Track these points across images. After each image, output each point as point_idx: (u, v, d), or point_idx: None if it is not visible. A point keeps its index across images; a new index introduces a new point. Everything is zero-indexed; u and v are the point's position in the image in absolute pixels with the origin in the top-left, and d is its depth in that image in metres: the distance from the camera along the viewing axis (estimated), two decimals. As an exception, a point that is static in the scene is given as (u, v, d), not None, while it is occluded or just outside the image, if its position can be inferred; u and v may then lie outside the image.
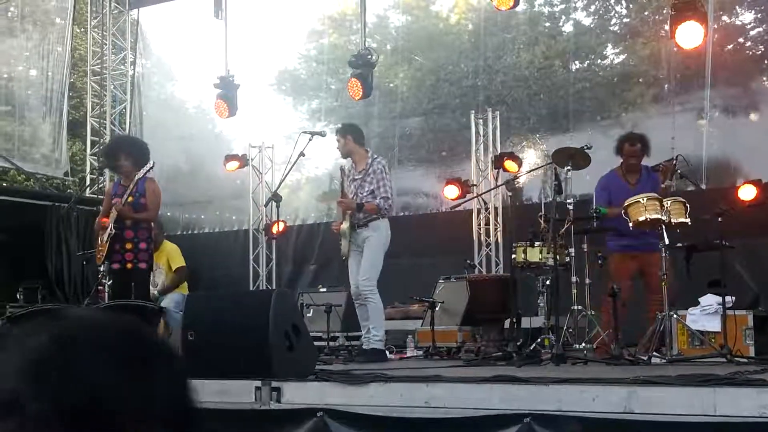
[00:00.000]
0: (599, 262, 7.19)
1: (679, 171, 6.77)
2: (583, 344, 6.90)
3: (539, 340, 6.95)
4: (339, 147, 7.71)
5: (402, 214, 12.32)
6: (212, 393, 5.00)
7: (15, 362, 0.88)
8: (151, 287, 8.35)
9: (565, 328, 6.85)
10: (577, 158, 7.06)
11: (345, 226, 7.40)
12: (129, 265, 7.11)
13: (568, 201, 6.91)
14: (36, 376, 0.86)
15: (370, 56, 10.50)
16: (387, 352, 7.83)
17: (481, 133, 11.61)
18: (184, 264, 9.25)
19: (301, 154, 7.75)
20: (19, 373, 0.87)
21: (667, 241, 6.29)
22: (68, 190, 14.48)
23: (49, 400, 0.85)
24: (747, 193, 8.87)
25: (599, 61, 13.55)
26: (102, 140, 13.25)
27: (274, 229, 10.16)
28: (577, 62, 13.27)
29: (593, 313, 7.16)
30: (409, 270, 10.67)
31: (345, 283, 7.96)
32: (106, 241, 7.07)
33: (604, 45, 13.42)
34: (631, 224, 6.47)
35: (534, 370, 5.69)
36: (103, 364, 0.88)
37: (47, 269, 12.25)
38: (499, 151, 11.21)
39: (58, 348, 0.89)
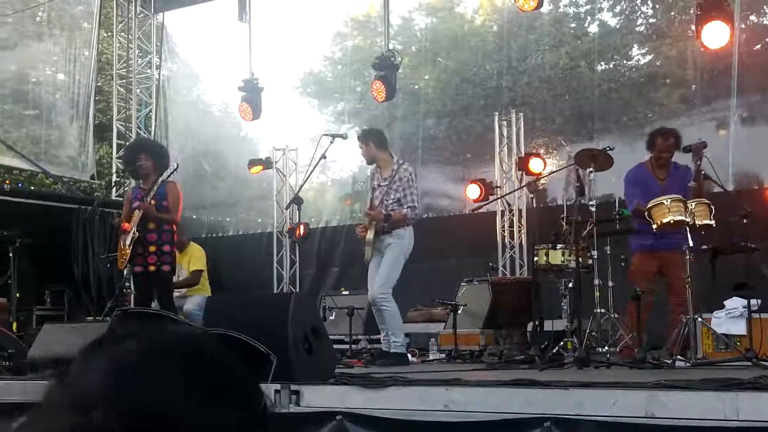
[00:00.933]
0: (622, 264, 7.12)
1: (704, 171, 6.68)
2: (607, 347, 6.84)
3: (562, 343, 6.91)
4: (363, 154, 7.61)
5: (425, 216, 12.25)
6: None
7: (101, 365, 0.89)
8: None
9: (588, 331, 6.78)
10: (600, 160, 7.00)
11: (370, 235, 7.29)
12: (152, 268, 7.14)
13: (591, 203, 6.84)
14: (112, 382, 0.87)
15: (393, 58, 10.52)
16: (410, 356, 7.81)
17: (505, 134, 11.56)
18: (202, 268, 9.29)
19: (323, 156, 7.76)
20: (100, 376, 0.88)
21: (691, 243, 6.22)
22: (95, 194, 14.61)
23: (116, 410, 0.86)
24: (774, 194, 8.76)
25: (625, 61, 13.43)
26: (127, 143, 13.36)
27: (297, 232, 10.18)
28: (602, 63, 13.17)
29: (616, 316, 7.10)
30: (432, 273, 10.64)
31: (367, 287, 7.93)
32: (130, 245, 7.10)
33: (630, 45, 13.30)
34: (654, 226, 6.39)
35: (556, 373, 5.65)
36: (179, 386, 0.88)
37: (73, 272, 12.37)
38: (523, 153, 11.16)
39: (141, 361, 0.89)
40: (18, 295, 9.25)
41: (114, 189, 14.01)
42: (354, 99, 14.75)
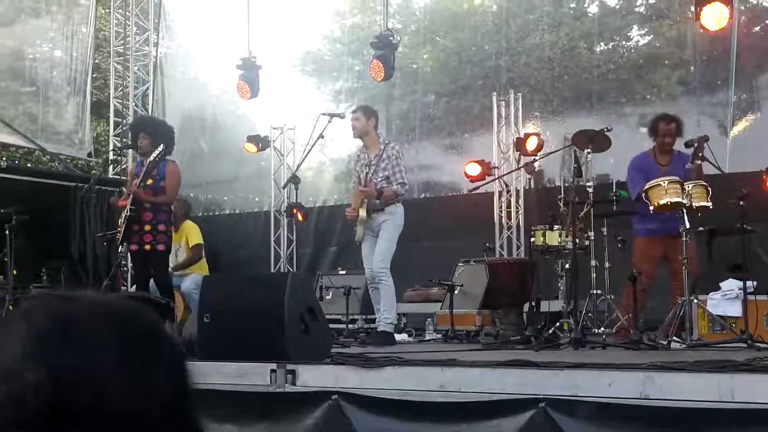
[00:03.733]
0: (619, 245, 7.12)
1: (701, 154, 6.67)
2: (603, 328, 6.85)
3: (558, 324, 6.91)
4: (358, 125, 7.63)
5: (423, 196, 12.28)
6: (228, 375, 5.03)
7: (19, 336, 0.89)
8: (171, 265, 8.40)
9: (584, 312, 6.79)
10: (598, 141, 6.99)
11: (363, 213, 7.38)
12: (147, 247, 7.13)
13: (588, 184, 6.84)
14: (34, 350, 0.87)
15: (392, 37, 10.46)
16: (406, 335, 7.83)
17: (503, 115, 11.53)
18: (201, 242, 9.28)
19: (321, 136, 7.75)
20: (20, 346, 0.87)
21: (688, 225, 6.22)
22: (92, 171, 14.57)
23: (45, 370, 0.85)
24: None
25: (624, 42, 13.36)
26: (125, 121, 13.30)
27: (299, 217, 10.17)
28: (601, 44, 13.09)
29: (613, 297, 7.10)
30: (429, 253, 10.64)
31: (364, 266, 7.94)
32: (123, 223, 7.09)
33: (630, 26, 13.23)
34: (651, 207, 6.39)
35: (552, 354, 5.68)
36: (99, 346, 0.88)
37: (71, 250, 12.35)
38: (521, 133, 11.13)
39: (58, 326, 0.89)
40: (15, 272, 9.23)
41: (111, 167, 13.98)
42: (352, 78, 14.67)
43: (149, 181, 7.10)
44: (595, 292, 7.00)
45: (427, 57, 14.53)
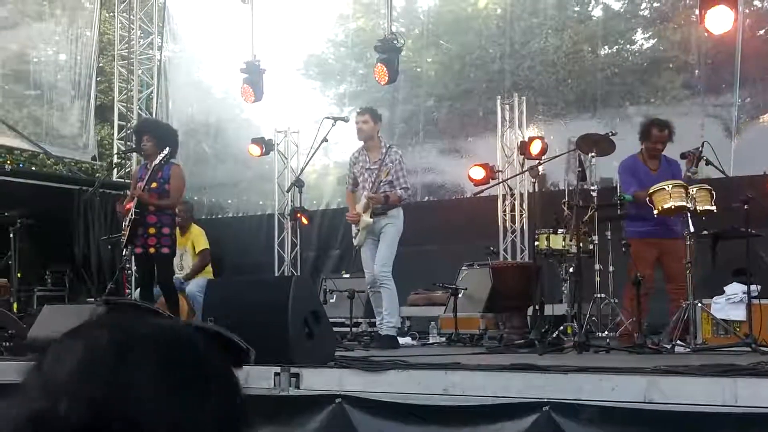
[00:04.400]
0: (623, 249, 7.12)
1: (705, 157, 6.67)
2: (607, 332, 6.85)
3: (562, 327, 6.91)
4: (366, 129, 7.63)
5: (426, 199, 12.29)
6: (232, 378, 5.03)
7: (74, 353, 0.87)
8: (176, 270, 8.42)
9: (588, 315, 6.80)
10: (602, 145, 7.00)
11: (368, 219, 7.40)
12: (152, 250, 7.13)
13: (592, 188, 6.83)
14: (81, 377, 0.85)
15: (396, 41, 10.47)
16: (410, 339, 7.84)
17: (507, 118, 11.54)
18: (207, 246, 9.29)
19: (324, 139, 7.77)
20: (71, 365, 0.86)
21: (692, 229, 6.22)
22: (96, 174, 14.60)
23: (79, 403, 0.83)
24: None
25: (628, 46, 13.37)
26: (129, 125, 13.33)
27: (304, 221, 10.19)
28: (606, 47, 13.10)
29: (616, 301, 7.10)
30: (432, 256, 10.65)
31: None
32: (127, 226, 7.11)
33: (634, 30, 13.23)
34: (656, 212, 6.39)
35: (556, 358, 5.67)
36: (150, 383, 0.86)
37: (74, 253, 12.38)
38: (525, 137, 11.14)
39: (110, 355, 0.87)
40: (19, 275, 9.25)
41: (115, 170, 14.01)
42: (356, 81, 14.69)
43: (154, 185, 7.11)
44: (599, 295, 7.00)
45: (431, 60, 14.53)
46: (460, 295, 8.54)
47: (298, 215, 9.39)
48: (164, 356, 0.88)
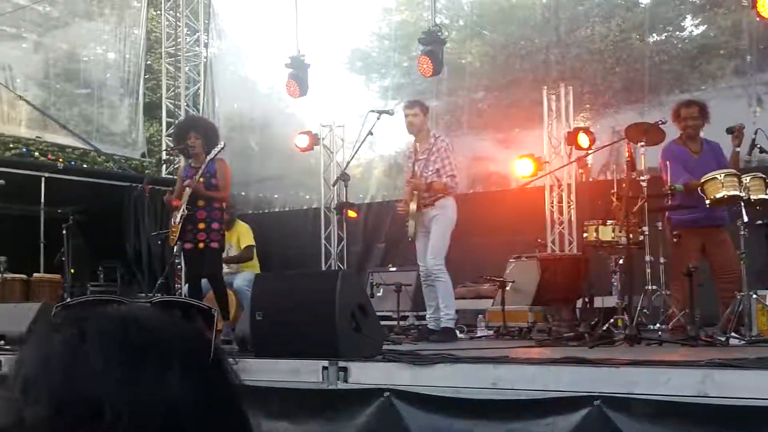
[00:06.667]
0: (675, 240, 6.97)
1: (759, 145, 6.50)
2: (658, 325, 6.72)
3: (612, 320, 6.81)
4: (416, 122, 7.59)
5: (472, 191, 12.19)
6: (281, 372, 5.04)
7: (32, 358, 0.89)
8: (225, 266, 8.48)
9: (639, 308, 6.68)
10: (651, 134, 6.86)
11: (413, 206, 7.35)
12: (201, 245, 7.19)
13: (642, 178, 6.70)
14: (40, 375, 0.86)
15: (439, 33, 10.41)
16: (457, 332, 7.79)
17: (554, 108, 11.40)
18: (253, 243, 9.35)
19: (369, 133, 7.75)
20: (30, 370, 0.87)
21: (746, 219, 6.07)
22: (145, 171, 14.79)
23: (47, 404, 0.84)
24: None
25: (677, 32, 13.11)
26: (177, 121, 13.46)
27: (351, 214, 10.19)
28: (654, 34, 12.86)
29: (668, 292, 6.97)
30: (480, 249, 10.57)
31: (414, 263, 7.92)
32: (179, 222, 7.17)
33: (683, 16, 12.98)
34: (708, 202, 6.26)
35: (606, 351, 5.58)
36: (105, 363, 0.86)
37: (126, 249, 12.55)
38: (572, 127, 11.00)
39: (63, 346, 0.88)
40: (72, 271, 9.41)
41: (164, 167, 14.16)
42: (400, 74, 14.65)
43: (201, 180, 7.18)
44: (650, 287, 6.87)
45: (476, 51, 14.43)
46: (507, 288, 8.47)
47: (345, 209, 9.38)
48: (118, 338, 0.89)
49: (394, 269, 10.24)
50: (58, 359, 0.87)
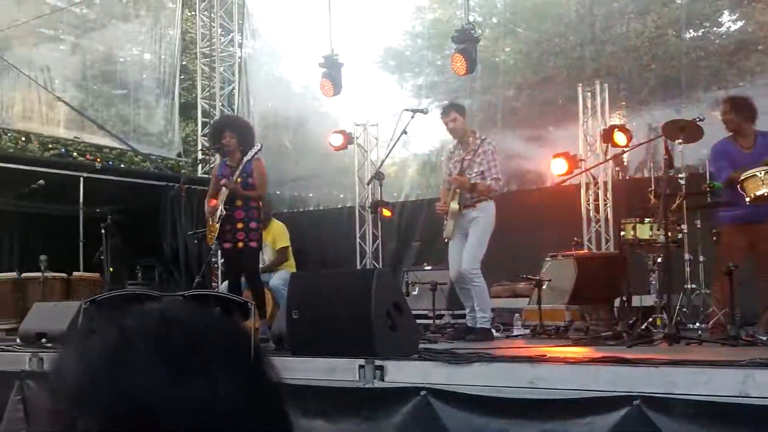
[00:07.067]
0: (714, 238, 6.88)
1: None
2: (698, 324, 6.64)
3: (651, 319, 6.73)
4: (456, 126, 7.52)
5: (508, 189, 12.13)
6: (318, 370, 5.06)
7: (74, 365, 0.88)
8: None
9: (678, 307, 6.60)
10: (689, 131, 6.77)
11: (454, 206, 7.28)
12: (240, 245, 7.24)
13: (680, 175, 6.62)
14: (87, 385, 0.86)
15: (473, 31, 10.37)
16: (493, 331, 7.76)
17: (589, 106, 11.32)
18: (288, 244, 9.37)
19: (404, 131, 7.73)
20: (75, 379, 0.87)
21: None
22: (182, 171, 14.92)
23: (101, 416, 0.84)
24: None
25: (714, 28, 12.94)
26: (212, 121, 13.56)
27: (385, 213, 10.19)
28: (690, 30, 12.71)
29: (708, 291, 6.88)
30: (515, 247, 10.51)
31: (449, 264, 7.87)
32: (218, 222, 7.22)
33: (720, 11, 12.80)
34: (747, 199, 6.16)
35: (645, 350, 5.52)
36: (151, 371, 0.85)
37: (163, 248, 12.67)
38: (607, 125, 10.92)
39: (111, 353, 0.87)
40: (111, 270, 9.53)
41: (200, 166, 14.27)
42: (433, 72, 14.64)
43: (238, 180, 7.23)
44: (689, 286, 6.79)
45: (509, 49, 14.37)
46: (544, 287, 8.41)
47: (380, 208, 9.38)
48: (161, 339, 0.88)
49: (429, 268, 10.22)
50: (104, 366, 0.86)
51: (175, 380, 0.85)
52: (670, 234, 6.57)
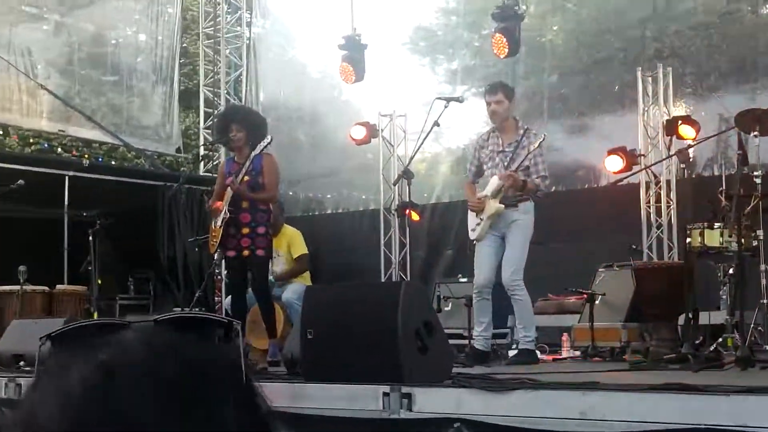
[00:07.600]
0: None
1: None
2: (775, 345, 6.61)
3: (721, 339, 6.71)
4: (500, 110, 7.49)
5: (554, 189, 12.11)
6: (335, 399, 5.08)
7: (51, 410, 0.89)
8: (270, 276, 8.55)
9: (752, 325, 6.57)
10: (766, 122, 6.74)
11: (497, 205, 7.24)
12: (246, 253, 7.23)
13: (756, 173, 6.59)
14: (67, 419, 0.88)
15: (516, 7, 10.39)
16: (538, 353, 7.75)
17: (650, 92, 11.30)
18: (306, 252, 9.40)
19: (436, 123, 7.73)
20: (52, 414, 0.88)
21: None
22: (181, 168, 15.01)
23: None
24: None
25: (798, 2, 12.88)
26: (216, 111, 13.63)
27: (414, 217, 10.20)
28: (768, 5, 12.67)
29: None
30: (564, 256, 10.51)
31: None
32: (220, 226, 7.20)
33: (804, -18, 12.76)
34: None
35: (714, 376, 5.53)
36: (140, 406, 0.88)
37: (159, 257, 12.75)
38: (671, 114, 10.88)
39: (97, 392, 0.89)
40: (99, 282, 9.57)
41: (202, 163, 14.34)
42: (470, 55, 14.65)
43: (246, 178, 7.19)
44: (765, 301, 6.75)
45: (558, 28, 14.35)
46: (597, 302, 8.40)
47: (407, 211, 9.39)
48: (148, 376, 0.90)
49: (464, 280, 10.19)
50: (88, 406, 0.88)
51: (169, 416, 0.87)
52: (743, 241, 6.54)
